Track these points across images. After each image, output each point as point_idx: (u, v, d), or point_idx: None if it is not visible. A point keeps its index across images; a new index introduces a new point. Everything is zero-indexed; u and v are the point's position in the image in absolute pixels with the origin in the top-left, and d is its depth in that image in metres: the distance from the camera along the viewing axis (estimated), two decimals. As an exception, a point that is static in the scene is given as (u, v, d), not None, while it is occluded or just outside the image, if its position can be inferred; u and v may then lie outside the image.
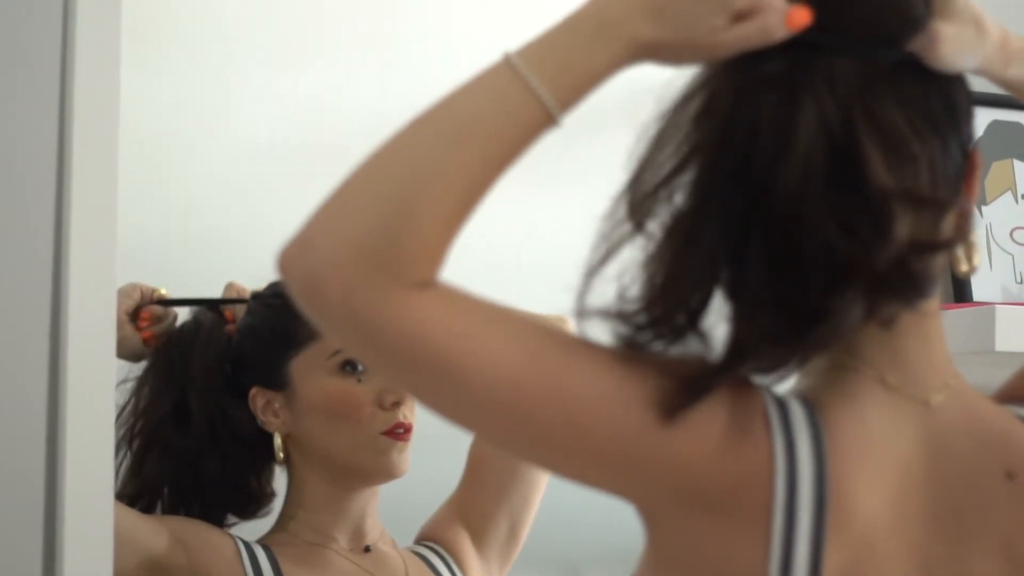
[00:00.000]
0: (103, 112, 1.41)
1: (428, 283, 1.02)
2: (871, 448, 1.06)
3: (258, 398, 1.84)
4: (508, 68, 1.03)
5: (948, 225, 1.07)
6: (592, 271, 1.05)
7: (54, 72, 1.51)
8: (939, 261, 1.07)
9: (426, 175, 1.01)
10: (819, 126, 1.02)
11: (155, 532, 1.74)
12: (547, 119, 1.03)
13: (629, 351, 1.04)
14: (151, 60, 2.25)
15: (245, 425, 1.84)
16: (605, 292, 1.05)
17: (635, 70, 1.06)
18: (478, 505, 1.92)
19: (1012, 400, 1.18)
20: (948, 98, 1.08)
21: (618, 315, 1.04)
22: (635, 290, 1.05)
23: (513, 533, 1.93)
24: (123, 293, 1.83)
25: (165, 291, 1.90)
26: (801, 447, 1.03)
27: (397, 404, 1.78)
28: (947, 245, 1.07)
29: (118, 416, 1.78)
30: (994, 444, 1.10)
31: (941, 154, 1.06)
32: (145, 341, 1.86)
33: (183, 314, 1.92)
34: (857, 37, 1.05)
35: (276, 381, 1.83)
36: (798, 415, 1.05)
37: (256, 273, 1.82)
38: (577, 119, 1.07)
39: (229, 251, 2.26)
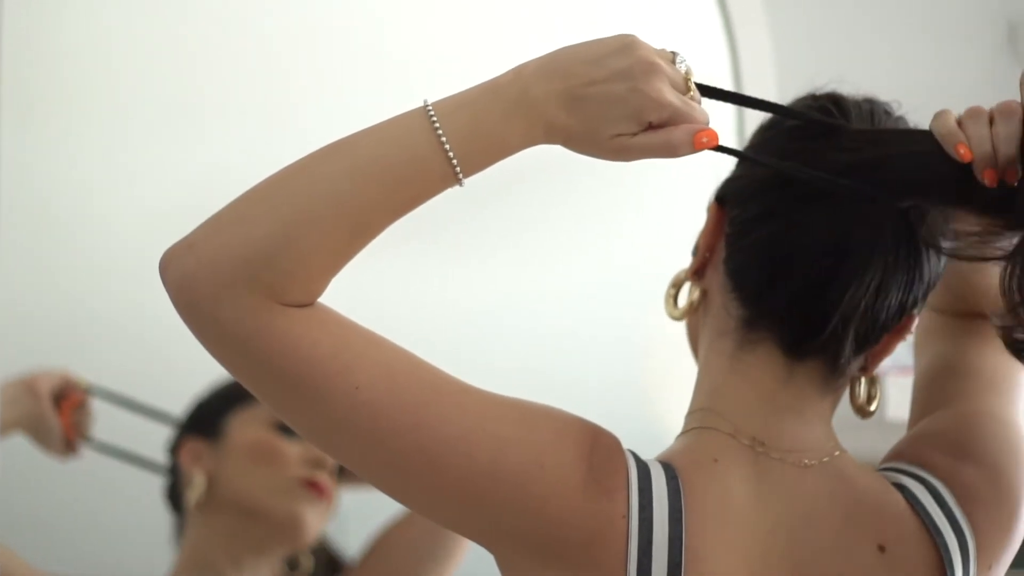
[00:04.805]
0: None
1: (303, 304, 1.01)
2: (731, 514, 1.07)
3: (189, 449, 1.84)
4: (423, 117, 1.03)
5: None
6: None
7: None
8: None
9: (321, 200, 1.01)
10: None
11: None
12: (451, 177, 1.03)
13: None
14: (39, 133, 2.22)
15: None
16: None
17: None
18: None
19: (899, 459, 1.18)
20: (917, 264, 1.13)
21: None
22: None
23: None
24: (45, 374, 1.81)
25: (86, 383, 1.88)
26: (657, 511, 1.04)
27: (320, 465, 1.80)
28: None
29: None
30: (866, 517, 1.11)
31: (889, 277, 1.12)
32: (67, 431, 1.83)
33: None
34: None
35: (211, 430, 1.84)
36: (658, 479, 1.05)
37: (156, 348, 1.80)
38: (489, 185, 1.07)
39: (124, 331, 2.22)
